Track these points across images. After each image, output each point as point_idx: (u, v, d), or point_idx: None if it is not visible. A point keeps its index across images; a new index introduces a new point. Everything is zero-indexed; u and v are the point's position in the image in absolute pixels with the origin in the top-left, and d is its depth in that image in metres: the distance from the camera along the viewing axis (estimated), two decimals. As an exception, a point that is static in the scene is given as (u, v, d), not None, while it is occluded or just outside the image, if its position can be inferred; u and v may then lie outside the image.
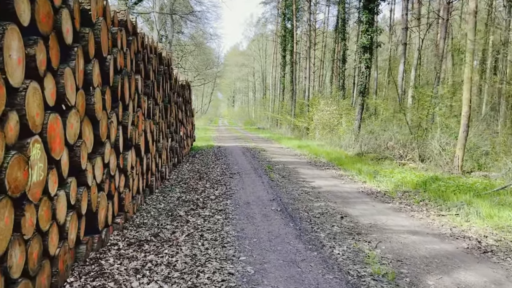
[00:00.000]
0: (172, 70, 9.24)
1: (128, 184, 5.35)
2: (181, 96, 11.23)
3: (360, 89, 17.16)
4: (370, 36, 16.90)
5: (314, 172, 9.60)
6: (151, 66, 6.84)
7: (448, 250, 4.03)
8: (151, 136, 6.89)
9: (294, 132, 25.81)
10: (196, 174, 8.73)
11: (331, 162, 11.86)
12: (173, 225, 4.89)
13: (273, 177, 8.38)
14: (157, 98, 7.45)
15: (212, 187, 7.25)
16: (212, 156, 12.28)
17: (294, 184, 7.69)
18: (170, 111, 9.18)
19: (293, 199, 6.26)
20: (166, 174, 8.40)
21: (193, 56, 40.60)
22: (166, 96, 8.54)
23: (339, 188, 7.55)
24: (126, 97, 5.10)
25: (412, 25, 22.81)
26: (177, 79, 10.21)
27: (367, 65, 17.01)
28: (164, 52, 8.44)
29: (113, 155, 4.63)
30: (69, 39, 3.41)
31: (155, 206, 6.00)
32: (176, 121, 10.30)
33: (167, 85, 8.57)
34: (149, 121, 6.74)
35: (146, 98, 6.48)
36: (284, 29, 36.12)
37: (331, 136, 17.94)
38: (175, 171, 9.42)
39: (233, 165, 10.38)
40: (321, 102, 19.81)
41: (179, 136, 10.75)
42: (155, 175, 7.21)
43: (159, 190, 7.20)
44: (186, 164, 10.52)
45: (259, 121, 47.82)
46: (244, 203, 5.98)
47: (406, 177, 8.49)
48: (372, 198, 6.68)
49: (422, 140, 10.94)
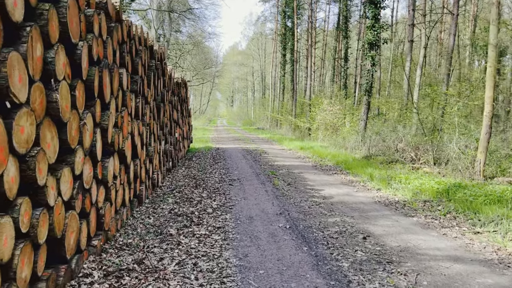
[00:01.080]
0: (165, 65, 8.41)
1: (109, 197, 4.52)
2: (176, 94, 10.39)
3: (366, 88, 16.35)
4: (376, 32, 16.08)
5: (322, 177, 8.77)
6: (140, 60, 6.00)
7: (506, 286, 3.22)
8: (140, 139, 6.06)
9: (295, 133, 24.99)
10: (192, 181, 7.89)
11: (338, 165, 11.04)
12: (162, 248, 4.06)
13: (277, 184, 7.54)
14: (148, 96, 6.62)
15: (209, 196, 6.42)
16: (210, 159, 11.44)
17: (302, 193, 6.86)
18: (164, 111, 8.35)
19: (304, 213, 5.42)
20: (159, 181, 7.56)
21: (192, 55, 39.88)
22: (158, 95, 7.71)
23: (353, 197, 6.72)
24: (106, 94, 4.26)
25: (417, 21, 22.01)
26: (172, 76, 9.37)
27: (373, 63, 16.20)
28: (157, 46, 7.61)
29: (88, 164, 3.80)
30: (17, 15, 2.57)
31: (143, 221, 5.16)
32: (171, 121, 9.47)
33: (159, 82, 7.74)
34: (138, 122, 5.91)
35: (134, 96, 5.65)
36: (284, 27, 35.32)
37: (335, 137, 17.12)
38: (169, 176, 8.59)
39: (232, 169, 9.54)
40: (325, 101, 18.99)
41: (174, 138, 9.92)
42: (145, 183, 6.37)
43: (149, 200, 6.37)
44: (182, 169, 9.68)
45: (258, 121, 47.01)
46: (246, 217, 5.15)
47: (424, 184, 7.67)
48: (392, 211, 5.86)
49: (437, 142, 10.12)
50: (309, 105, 24.47)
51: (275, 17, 42.06)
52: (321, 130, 19.26)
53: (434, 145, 10.16)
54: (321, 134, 18.89)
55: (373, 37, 16.05)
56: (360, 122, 16.61)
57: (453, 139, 9.07)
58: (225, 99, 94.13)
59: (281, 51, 36.54)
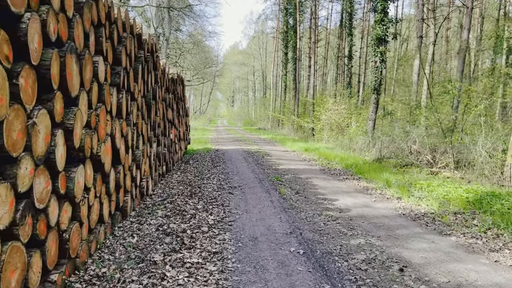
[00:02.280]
0: (158, 58, 7.50)
1: (78, 215, 3.62)
2: (171, 92, 9.48)
3: (374, 86, 15.43)
4: (385, 27, 15.16)
5: (333, 184, 7.86)
6: (124, 49, 5.10)
7: None
8: (124, 141, 5.15)
9: (298, 133, 24.06)
10: (187, 188, 6.98)
11: (348, 169, 10.12)
12: (141, 284, 3.15)
13: (284, 193, 6.62)
14: (135, 92, 5.71)
15: (205, 209, 5.50)
16: (209, 163, 10.52)
17: (313, 204, 5.93)
18: (156, 109, 7.44)
19: (319, 232, 4.49)
20: (149, 188, 6.65)
21: (192, 54, 39.10)
22: (149, 91, 6.80)
23: (373, 209, 5.80)
24: (71, 86, 3.36)
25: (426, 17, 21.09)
26: (165, 71, 8.46)
27: (382, 59, 15.28)
28: (147, 36, 6.70)
29: (42, 176, 2.89)
30: None
31: (124, 241, 4.26)
32: (165, 121, 8.56)
33: (150, 77, 6.83)
34: (121, 121, 5.00)
35: (116, 91, 4.74)
36: (286, 25, 34.41)
37: (341, 138, 16.19)
38: (162, 182, 7.68)
39: (233, 174, 8.63)
40: (330, 100, 18.06)
41: (168, 139, 9.01)
42: (130, 193, 5.46)
43: (136, 213, 5.46)
44: (177, 173, 8.77)
45: (259, 121, 46.11)
46: (249, 238, 4.23)
47: (450, 192, 6.75)
48: (423, 227, 4.94)
49: (458, 144, 9.20)
50: (312, 104, 23.54)
51: (277, 15, 41.15)
52: (326, 130, 18.34)
53: (454, 147, 9.24)
54: (326, 134, 17.97)
55: (382, 32, 15.14)
56: (368, 122, 15.70)
57: (478, 140, 8.15)
58: (225, 99, 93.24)
59: (283, 50, 35.63)
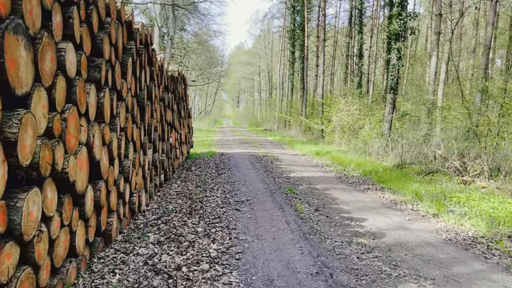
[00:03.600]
0: (154, 53, 6.54)
1: (32, 256, 2.66)
2: (171, 91, 8.52)
3: (391, 85, 14.39)
4: (403, 21, 14.12)
5: (355, 196, 6.84)
6: (108, 37, 4.14)
7: None
8: (107, 150, 4.18)
9: (306, 135, 23.03)
10: (187, 203, 6.00)
11: (367, 177, 9.10)
12: None
13: (301, 210, 5.61)
14: (122, 91, 4.74)
15: (207, 233, 4.51)
16: (213, 169, 9.54)
17: (338, 226, 4.91)
18: (152, 110, 6.48)
19: (354, 272, 3.42)
20: (142, 203, 5.69)
21: (197, 54, 38.28)
22: (142, 89, 5.83)
23: (411, 233, 4.78)
24: (16, 79, 2.40)
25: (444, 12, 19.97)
26: (164, 67, 7.50)
27: (399, 56, 14.24)
28: (140, 26, 5.74)
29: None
30: None
31: (102, 281, 3.30)
32: (163, 124, 7.60)
33: (144, 73, 5.87)
34: (103, 126, 4.04)
35: (95, 88, 3.78)
36: (293, 23, 33.42)
37: (355, 141, 15.14)
38: (159, 194, 6.72)
39: (239, 184, 7.64)
40: (342, 101, 17.01)
41: (167, 144, 8.05)
42: (117, 212, 4.50)
43: (123, 236, 4.49)
44: (177, 182, 7.81)
45: (265, 122, 45.14)
46: (263, 282, 3.23)
47: (497, 208, 5.72)
48: (482, 260, 3.92)
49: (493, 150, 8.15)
50: (321, 104, 22.49)
51: (283, 13, 40.14)
52: (337, 132, 17.30)
53: (489, 153, 8.19)
54: (337, 137, 16.92)
55: (399, 27, 14.10)
56: (384, 123, 14.66)
57: (521, 146, 7.12)
58: (231, 99, 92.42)
59: (289, 49, 34.64)
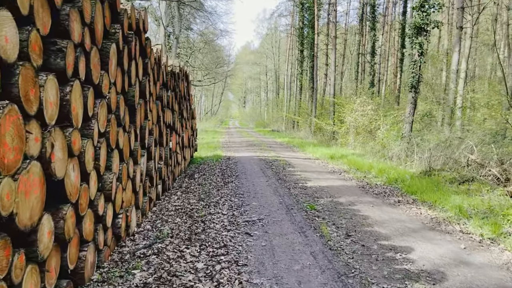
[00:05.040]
0: (148, 43, 5.51)
1: None
2: (171, 88, 7.48)
3: (412, 82, 13.24)
4: (426, 13, 12.96)
5: (388, 213, 5.74)
6: (77, 13, 3.11)
7: None
8: (78, 164, 3.14)
9: (316, 136, 21.90)
10: (186, 223, 4.95)
11: (393, 186, 8.00)
12: None
13: (328, 235, 4.50)
14: (102, 85, 3.70)
15: (209, 273, 3.44)
16: (218, 177, 8.49)
17: (380, 262, 3.82)
18: (146, 110, 5.44)
19: None
20: (131, 225, 4.64)
21: (203, 54, 37.42)
22: (133, 85, 4.79)
23: (477, 272, 3.68)
24: None
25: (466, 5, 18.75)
26: (162, 60, 6.46)
27: (422, 51, 13.08)
28: (129, 6, 4.71)
29: None
30: None
31: None
32: (161, 127, 6.56)
33: (134, 66, 4.83)
34: (68, 132, 2.99)
35: (55, 80, 2.74)
36: (302, 21, 32.32)
37: (372, 144, 14.01)
38: (155, 209, 5.68)
39: (249, 197, 6.57)
40: (357, 100, 15.88)
41: (166, 149, 7.01)
42: (93, 243, 3.46)
43: (101, 275, 3.45)
44: (177, 194, 6.76)
45: (272, 123, 44.06)
46: None
47: None
48: None
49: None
50: (333, 105, 21.35)
51: (291, 11, 39.02)
52: (351, 134, 16.17)
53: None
54: (352, 139, 15.78)
55: (421, 19, 12.95)
56: (404, 125, 13.51)
57: None
58: (237, 99, 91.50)
59: (298, 47, 33.53)
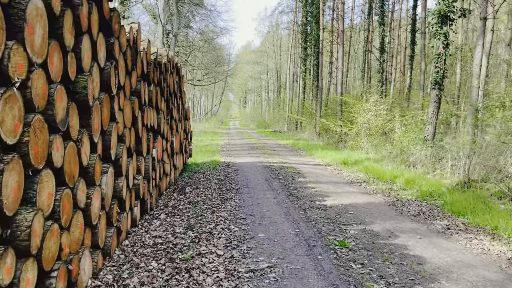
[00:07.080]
0: (115, 15, 3.98)
1: None
2: (155, 83, 5.94)
3: (436, 79, 11.72)
4: (451, 0, 11.44)
5: (448, 251, 4.22)
6: None
7: None
8: None
9: (322, 138, 20.37)
10: (163, 273, 3.42)
11: (430, 203, 6.47)
12: None
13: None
14: (8, 64, 2.17)
15: None
16: (214, 191, 6.96)
17: None
18: (112, 109, 3.90)
19: None
20: (81, 279, 3.10)
21: (203, 52, 35.86)
22: (85, 72, 3.26)
23: None
24: None
25: None
26: (138, 42, 4.92)
27: (447, 43, 11.55)
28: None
29: None
30: None
31: None
32: (139, 130, 5.02)
33: (89, 43, 3.30)
34: None
35: None
36: (305, 17, 30.83)
37: (389, 148, 12.46)
38: (126, 244, 4.16)
39: (253, 223, 5.05)
40: (370, 99, 14.34)
41: (148, 159, 5.47)
42: None
43: None
44: (160, 217, 5.23)
45: (274, 123, 42.57)
46: None
47: None
48: None
49: None
50: (340, 104, 19.81)
51: (293, 8, 37.49)
52: (364, 136, 14.63)
53: None
54: (365, 141, 14.24)
55: (446, 7, 11.42)
56: (426, 126, 11.98)
57: None
58: (237, 100, 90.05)
59: (301, 44, 32.03)
